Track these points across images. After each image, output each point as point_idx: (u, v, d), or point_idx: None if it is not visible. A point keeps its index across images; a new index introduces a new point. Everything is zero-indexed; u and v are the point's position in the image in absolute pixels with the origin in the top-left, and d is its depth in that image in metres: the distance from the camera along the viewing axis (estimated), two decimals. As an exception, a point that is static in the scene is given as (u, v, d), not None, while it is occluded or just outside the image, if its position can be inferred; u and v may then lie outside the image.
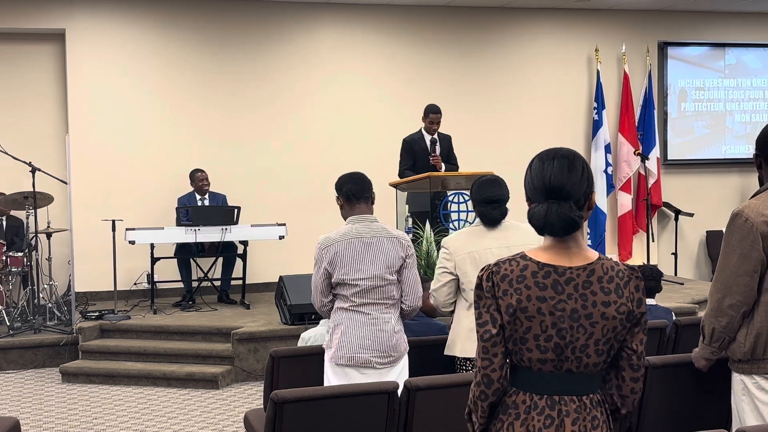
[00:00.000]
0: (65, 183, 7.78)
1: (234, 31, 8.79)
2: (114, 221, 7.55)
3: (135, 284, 8.39)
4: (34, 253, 7.58)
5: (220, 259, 8.14)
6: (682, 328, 4.31)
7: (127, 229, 7.51)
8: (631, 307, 2.11)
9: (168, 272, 8.00)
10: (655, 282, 4.88)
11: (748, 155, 10.07)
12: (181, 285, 8.05)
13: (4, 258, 7.47)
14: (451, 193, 6.70)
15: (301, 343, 4.63)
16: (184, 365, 6.71)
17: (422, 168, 6.96)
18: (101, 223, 7.91)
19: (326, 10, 8.99)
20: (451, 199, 6.68)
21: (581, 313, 2.07)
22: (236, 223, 7.83)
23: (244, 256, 8.07)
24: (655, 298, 4.89)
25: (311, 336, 4.59)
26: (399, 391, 3.35)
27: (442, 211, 6.64)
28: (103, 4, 8.46)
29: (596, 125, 9.62)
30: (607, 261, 2.13)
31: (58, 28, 8.39)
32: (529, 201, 2.15)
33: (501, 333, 2.11)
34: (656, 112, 9.87)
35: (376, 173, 4.06)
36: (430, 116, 7.18)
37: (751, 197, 3.08)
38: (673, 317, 4.75)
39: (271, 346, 6.33)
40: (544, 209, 2.07)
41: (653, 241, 9.57)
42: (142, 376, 6.60)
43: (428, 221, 6.41)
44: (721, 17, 10.16)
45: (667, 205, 9.88)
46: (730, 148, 10.26)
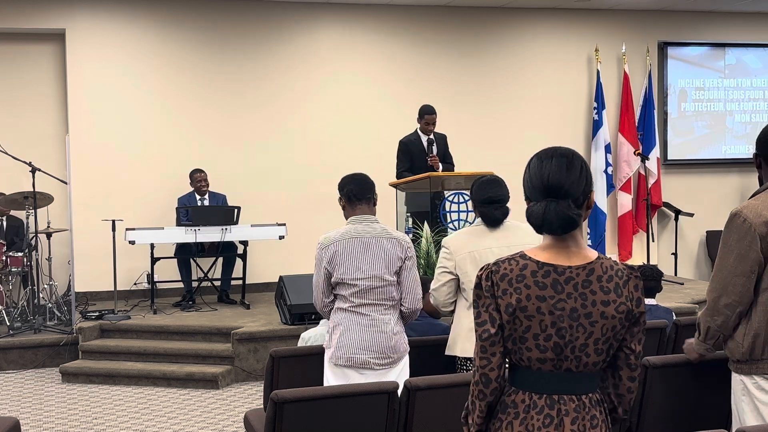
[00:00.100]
0: (65, 183, 7.79)
1: (234, 31, 8.79)
2: (114, 221, 7.55)
3: (135, 284, 8.39)
4: (34, 253, 7.58)
5: (220, 259, 8.14)
6: (682, 328, 4.31)
7: (127, 229, 7.51)
8: (631, 307, 2.11)
9: (168, 272, 8.00)
10: (656, 282, 4.88)
11: (748, 155, 10.07)
12: (181, 285, 8.06)
13: (4, 258, 7.47)
14: (450, 193, 6.70)
15: (301, 343, 4.64)
16: (184, 365, 6.71)
17: (420, 169, 6.95)
18: (101, 223, 7.91)
19: (326, 10, 8.99)
20: (450, 199, 6.67)
21: (581, 313, 2.07)
22: (236, 223, 7.83)
23: (244, 256, 8.07)
24: (656, 298, 4.89)
25: (311, 336, 4.59)
26: (399, 391, 3.35)
27: (442, 211, 6.64)
28: (103, 4, 8.47)
29: (596, 125, 9.62)
30: (606, 260, 2.13)
31: (58, 28, 8.39)
32: (527, 200, 2.15)
33: (500, 333, 2.11)
34: (656, 112, 9.87)
35: (376, 173, 4.05)
36: (425, 117, 7.16)
37: (750, 197, 3.08)
38: (674, 317, 4.75)
39: (271, 346, 6.33)
40: (542, 208, 2.07)
41: (653, 241, 9.57)
42: (142, 376, 6.60)
43: (427, 221, 6.41)
44: (721, 17, 10.16)
45: (667, 205, 9.88)
46: (730, 148, 10.26)
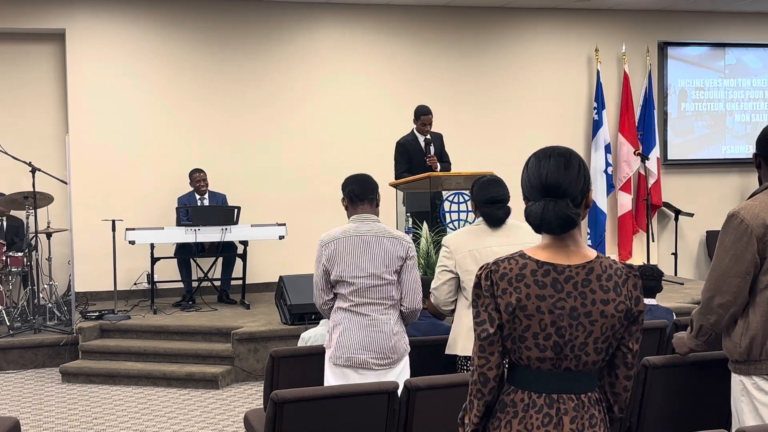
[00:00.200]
0: (65, 183, 7.79)
1: (234, 31, 8.79)
2: (114, 221, 7.55)
3: (135, 284, 8.39)
4: (34, 253, 7.58)
5: (220, 259, 8.14)
6: (682, 328, 4.30)
7: (127, 229, 7.51)
8: (630, 305, 2.11)
9: (168, 272, 8.00)
10: (656, 282, 4.87)
11: (748, 155, 10.07)
12: (181, 285, 8.06)
13: (4, 258, 7.47)
14: (450, 193, 6.70)
15: (301, 343, 4.64)
16: (184, 365, 6.71)
17: (418, 169, 6.94)
18: (101, 223, 7.91)
19: (326, 10, 8.99)
20: (450, 199, 6.67)
21: (580, 312, 2.07)
22: (236, 223, 7.83)
23: (244, 256, 8.07)
24: (656, 298, 4.89)
25: (311, 336, 4.59)
26: (399, 391, 3.35)
27: (442, 211, 6.64)
28: (103, 4, 8.46)
29: (596, 125, 9.62)
30: (605, 259, 2.13)
31: (58, 28, 8.39)
32: (526, 199, 2.15)
33: (498, 332, 2.11)
34: (656, 112, 9.87)
35: (376, 173, 4.05)
36: (421, 118, 7.16)
37: (748, 198, 3.09)
38: (674, 317, 4.74)
39: (271, 346, 6.33)
40: (540, 207, 2.07)
41: (653, 241, 9.57)
42: (142, 376, 6.60)
43: (426, 221, 6.40)
44: (721, 17, 10.16)
45: (667, 205, 9.87)
46: (730, 148, 10.26)
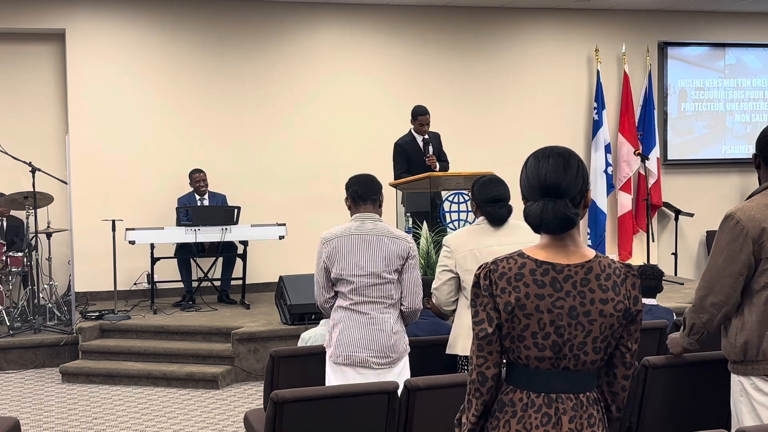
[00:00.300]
0: (65, 183, 7.79)
1: (234, 31, 8.79)
2: (114, 221, 7.55)
3: (135, 284, 8.38)
4: (34, 253, 7.58)
5: (220, 259, 8.14)
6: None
7: (127, 229, 7.51)
8: (628, 305, 2.11)
9: (168, 272, 8.00)
10: (657, 282, 4.87)
11: (748, 155, 10.06)
12: (181, 285, 8.06)
13: (4, 258, 7.47)
14: (450, 193, 6.70)
15: (301, 343, 4.64)
16: (184, 365, 6.71)
17: (417, 169, 6.93)
18: (101, 223, 7.91)
19: (326, 10, 8.99)
20: (450, 199, 6.67)
21: (579, 311, 2.07)
22: (236, 223, 7.83)
23: (244, 256, 8.07)
24: (656, 298, 4.89)
25: (311, 336, 4.59)
26: (399, 391, 3.35)
27: (442, 211, 6.64)
28: (103, 4, 8.46)
29: (596, 125, 9.62)
30: (604, 259, 2.14)
31: (58, 28, 8.39)
32: (524, 199, 2.15)
33: (497, 332, 2.11)
34: (656, 112, 9.86)
35: (376, 173, 4.03)
36: (419, 118, 7.15)
37: (747, 198, 3.09)
38: (674, 317, 4.74)
39: (271, 346, 6.33)
40: (540, 207, 2.07)
41: (653, 241, 9.57)
42: (142, 376, 6.60)
43: (426, 221, 6.40)
44: (721, 17, 10.16)
45: (667, 205, 9.87)
46: (730, 148, 10.25)
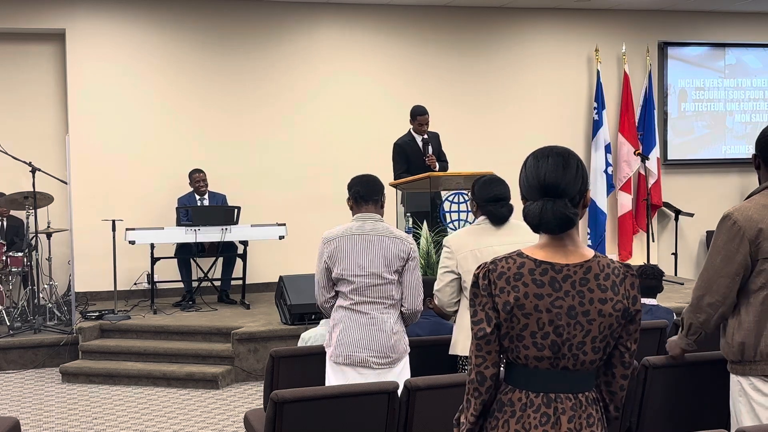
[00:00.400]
0: (65, 183, 7.79)
1: (234, 31, 8.79)
2: (114, 221, 7.55)
3: (135, 284, 8.38)
4: (34, 253, 7.58)
5: (220, 259, 8.14)
6: (682, 328, 4.30)
7: (127, 229, 7.51)
8: (627, 305, 2.12)
9: (168, 272, 8.00)
10: (657, 281, 4.87)
11: (748, 155, 10.06)
12: (181, 285, 8.05)
13: (4, 258, 7.47)
14: (450, 193, 6.70)
15: (301, 343, 4.64)
16: (184, 365, 6.71)
17: (417, 170, 6.93)
18: (101, 223, 7.91)
19: (326, 10, 8.99)
20: (450, 199, 6.67)
21: (578, 311, 2.07)
22: (236, 223, 7.83)
23: (244, 256, 8.07)
24: (656, 298, 4.89)
25: (311, 336, 4.59)
26: (399, 391, 3.35)
27: (442, 211, 6.64)
28: (103, 4, 8.46)
29: (596, 125, 9.62)
30: (603, 258, 2.14)
31: (58, 28, 8.39)
32: (524, 199, 2.15)
33: (495, 331, 2.11)
34: (656, 112, 9.86)
35: (377, 173, 4.04)
36: (418, 118, 7.16)
37: (746, 198, 3.10)
38: (674, 317, 4.74)
39: (271, 346, 6.33)
40: (539, 207, 2.07)
41: (653, 241, 9.57)
42: (142, 376, 6.60)
43: (426, 221, 6.40)
44: (721, 17, 10.16)
45: (667, 205, 9.87)
46: (730, 148, 10.25)
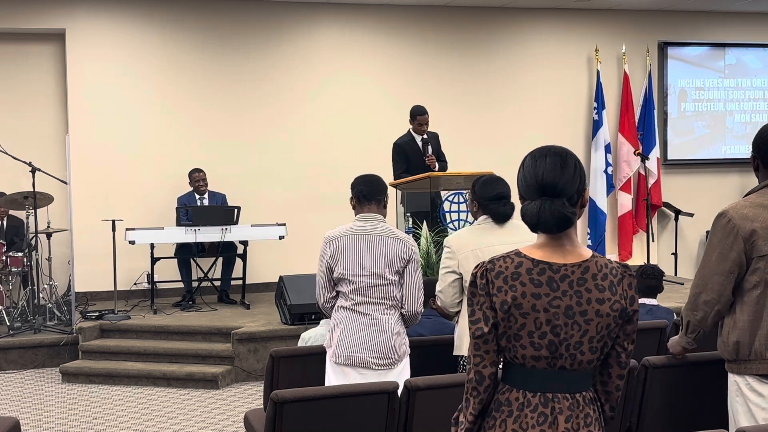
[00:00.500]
0: (65, 183, 7.79)
1: (234, 31, 8.79)
2: (114, 221, 7.55)
3: (135, 284, 8.38)
4: (34, 253, 7.58)
5: (220, 259, 8.14)
6: (682, 328, 4.30)
7: (127, 229, 7.51)
8: (625, 305, 2.12)
9: (168, 272, 8.00)
10: (657, 281, 4.87)
11: (747, 155, 9.96)
12: (181, 285, 8.06)
13: (4, 258, 7.47)
14: (450, 193, 6.70)
15: (301, 343, 4.64)
16: (184, 365, 6.71)
17: (417, 169, 6.94)
18: (101, 223, 7.91)
19: (326, 10, 8.99)
20: (450, 199, 6.67)
21: (576, 310, 2.07)
22: (236, 223, 7.83)
23: (244, 256, 8.07)
24: (656, 298, 4.88)
25: (311, 336, 4.60)
26: (399, 391, 3.35)
27: (442, 211, 6.64)
28: (103, 4, 8.46)
29: (596, 125, 9.62)
30: (601, 258, 2.14)
31: (58, 28, 8.39)
32: (522, 199, 2.16)
33: (493, 331, 2.11)
34: (656, 112, 9.86)
35: (377, 173, 4.05)
36: (417, 118, 7.16)
37: (743, 197, 3.12)
38: (674, 317, 4.74)
39: (271, 346, 6.33)
40: (537, 206, 2.07)
41: (653, 241, 9.57)
42: (142, 376, 6.60)
43: (426, 221, 6.40)
44: (721, 17, 10.16)
45: (667, 205, 9.87)
46: (730, 148, 10.26)
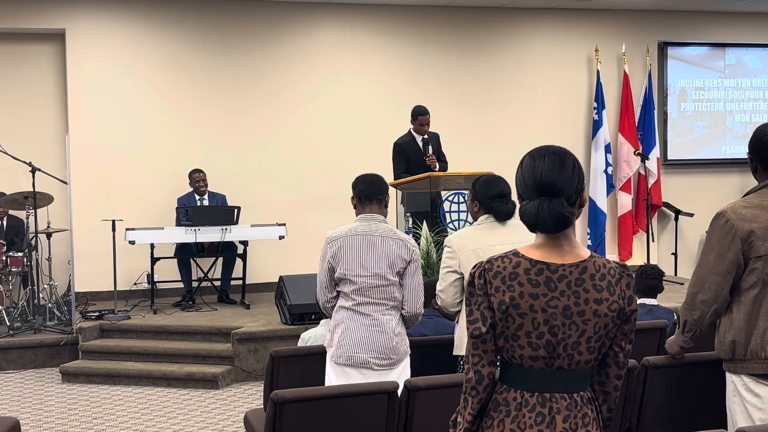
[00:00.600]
0: (65, 183, 7.79)
1: (234, 31, 8.79)
2: (114, 221, 7.55)
3: (135, 284, 8.38)
4: (34, 253, 7.58)
5: (220, 259, 8.14)
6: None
7: (127, 229, 7.51)
8: (623, 305, 2.12)
9: (168, 272, 8.00)
10: (657, 281, 4.88)
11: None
12: (181, 285, 8.06)
13: (4, 258, 7.47)
14: (450, 193, 6.70)
15: (301, 343, 4.64)
16: (184, 365, 6.71)
17: (417, 169, 6.94)
18: (101, 223, 7.91)
19: (326, 10, 8.99)
20: (450, 199, 6.67)
21: (574, 311, 2.07)
22: (236, 223, 7.83)
23: (244, 256, 8.07)
24: (657, 298, 4.88)
25: (311, 336, 4.60)
26: (399, 391, 3.35)
27: (442, 211, 6.64)
28: (103, 4, 8.46)
29: (596, 125, 9.62)
30: (599, 259, 2.14)
31: (58, 28, 8.39)
32: (520, 198, 2.16)
33: (491, 331, 2.11)
34: (656, 112, 9.86)
35: (377, 173, 4.05)
36: (419, 118, 7.16)
37: (742, 197, 3.13)
38: (674, 317, 4.74)
39: (271, 346, 6.33)
40: (535, 206, 2.07)
41: (653, 241, 9.57)
42: (142, 376, 6.60)
43: (426, 221, 6.40)
44: (721, 17, 10.16)
45: (667, 205, 9.87)
46: (730, 148, 10.25)
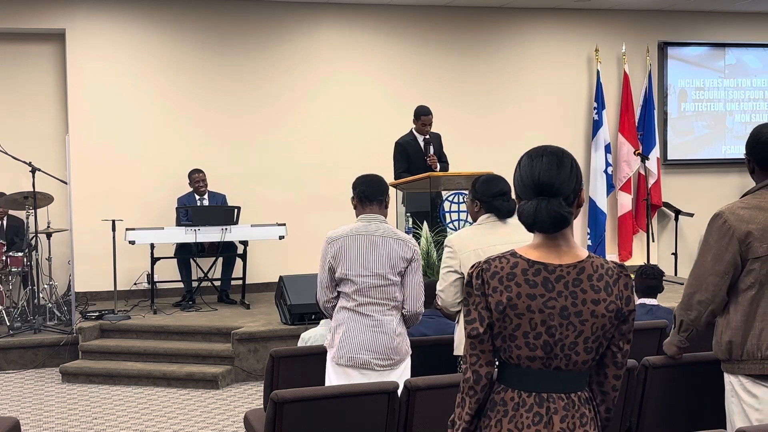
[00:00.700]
0: (65, 183, 7.79)
1: (234, 31, 8.79)
2: (114, 221, 7.55)
3: (135, 284, 8.38)
4: (34, 253, 7.58)
5: (220, 259, 8.14)
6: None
7: (127, 229, 7.51)
8: (620, 305, 2.12)
9: (168, 272, 8.00)
10: (657, 281, 4.88)
11: (747, 155, 10.05)
12: (181, 285, 8.06)
13: (4, 258, 7.47)
14: (450, 193, 6.70)
15: (301, 343, 4.64)
16: (184, 365, 6.71)
17: (418, 169, 6.94)
18: (101, 223, 7.91)
19: (326, 10, 8.99)
20: (450, 199, 6.67)
21: (571, 311, 2.07)
22: (236, 223, 7.83)
23: (244, 256, 8.07)
24: (657, 298, 4.88)
25: (311, 336, 4.60)
26: (399, 391, 3.36)
27: (442, 211, 6.64)
28: (103, 4, 8.46)
29: (596, 125, 9.62)
30: (597, 259, 2.14)
31: (58, 28, 8.39)
32: (518, 198, 2.16)
33: (488, 331, 2.12)
34: (656, 112, 9.86)
35: (377, 173, 4.05)
36: (421, 118, 7.17)
37: (740, 197, 3.13)
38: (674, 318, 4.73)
39: (271, 346, 6.33)
40: (533, 206, 2.07)
41: (653, 241, 9.57)
42: (142, 376, 6.60)
43: (426, 221, 6.40)
44: (721, 17, 10.16)
45: (667, 205, 9.87)
46: (730, 148, 10.25)
